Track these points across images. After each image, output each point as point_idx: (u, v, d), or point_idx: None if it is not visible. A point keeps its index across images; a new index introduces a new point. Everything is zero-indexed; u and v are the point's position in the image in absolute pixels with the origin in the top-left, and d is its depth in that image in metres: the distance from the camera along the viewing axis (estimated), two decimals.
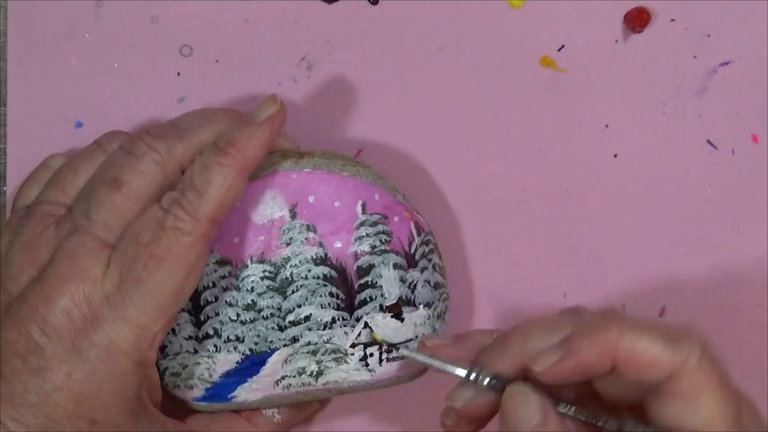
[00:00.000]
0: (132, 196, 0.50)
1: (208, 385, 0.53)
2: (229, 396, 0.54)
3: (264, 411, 0.55)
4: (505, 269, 0.59)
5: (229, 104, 0.59)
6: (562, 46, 0.59)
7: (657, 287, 0.59)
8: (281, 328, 0.53)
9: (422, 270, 0.54)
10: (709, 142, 0.60)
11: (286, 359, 0.53)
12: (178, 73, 0.59)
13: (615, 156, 0.59)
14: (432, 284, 0.55)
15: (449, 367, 0.50)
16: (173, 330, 0.53)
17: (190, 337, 0.53)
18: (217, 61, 0.59)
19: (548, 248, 0.59)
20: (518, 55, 0.59)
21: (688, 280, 0.59)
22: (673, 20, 0.59)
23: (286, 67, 0.59)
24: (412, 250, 0.54)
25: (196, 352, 0.53)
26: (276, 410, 0.56)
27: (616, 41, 0.59)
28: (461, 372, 0.49)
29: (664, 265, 0.59)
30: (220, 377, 0.53)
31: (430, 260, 0.55)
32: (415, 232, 0.54)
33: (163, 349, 0.53)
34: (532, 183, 0.59)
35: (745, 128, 0.59)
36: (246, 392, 0.54)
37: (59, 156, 0.54)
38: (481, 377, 0.49)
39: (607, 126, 0.59)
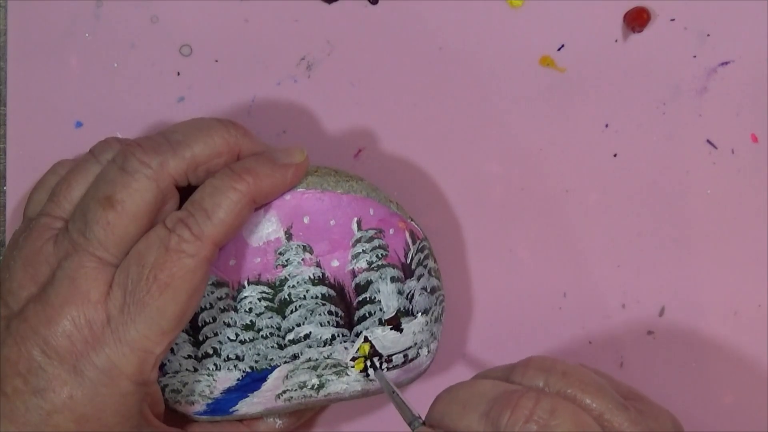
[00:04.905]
0: (126, 213, 0.49)
1: (210, 401, 0.53)
2: (231, 410, 0.54)
3: (265, 417, 0.55)
4: (505, 269, 0.59)
5: (228, 104, 0.59)
6: (562, 46, 0.59)
7: (657, 287, 0.59)
8: (281, 347, 0.53)
9: (419, 278, 0.54)
10: (708, 141, 0.60)
11: (287, 375, 0.53)
12: (178, 73, 0.59)
13: (615, 156, 0.59)
14: (429, 290, 0.55)
15: (403, 407, 0.50)
16: (171, 349, 0.53)
17: (190, 356, 0.53)
18: (217, 61, 0.59)
19: (548, 248, 0.59)
20: (518, 55, 0.59)
21: (687, 280, 0.59)
22: (672, 20, 0.59)
23: (286, 67, 0.59)
24: (408, 260, 0.54)
25: (195, 370, 0.53)
26: (277, 416, 0.56)
27: (616, 41, 0.59)
28: (407, 416, 0.50)
29: (664, 265, 0.59)
30: (221, 393, 0.53)
31: (425, 266, 0.55)
32: (410, 241, 0.54)
33: (161, 367, 0.53)
34: (532, 183, 0.59)
35: (745, 128, 0.59)
36: (247, 406, 0.53)
37: (68, 162, 0.54)
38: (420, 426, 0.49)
39: (606, 126, 0.59)
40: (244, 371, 0.53)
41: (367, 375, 0.53)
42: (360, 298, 0.53)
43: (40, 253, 0.50)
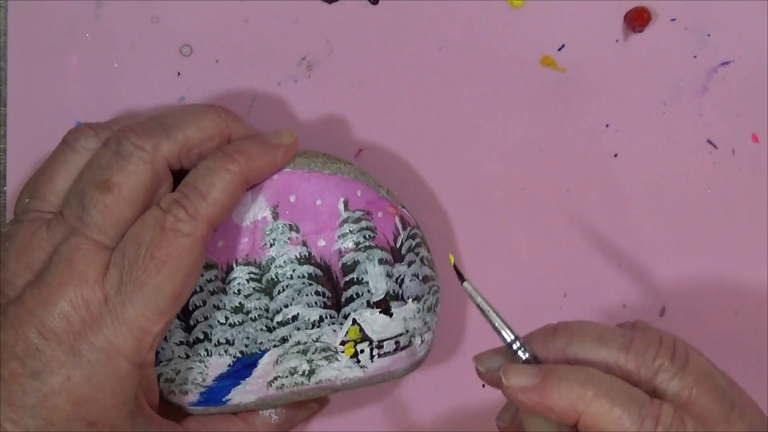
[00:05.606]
0: (123, 197, 0.50)
1: (203, 389, 0.53)
2: (224, 399, 0.54)
3: (261, 411, 0.55)
4: (505, 269, 0.59)
5: (229, 104, 0.59)
6: (562, 46, 0.59)
7: (657, 287, 0.59)
8: (270, 329, 0.53)
9: (409, 264, 0.54)
10: (709, 141, 0.60)
11: (277, 360, 0.53)
12: (178, 73, 0.59)
13: (615, 156, 0.59)
14: (420, 277, 0.55)
15: (500, 326, 0.48)
16: (165, 336, 0.53)
17: (182, 342, 0.53)
18: (217, 61, 0.59)
19: (548, 248, 0.59)
20: (518, 55, 0.59)
21: (688, 280, 0.59)
22: (673, 20, 0.59)
23: (286, 67, 0.59)
24: (398, 245, 0.54)
25: (188, 357, 0.53)
26: (273, 411, 0.56)
27: (616, 41, 0.59)
28: (507, 336, 0.48)
29: (664, 265, 0.59)
30: (213, 381, 0.53)
31: (417, 254, 0.55)
32: (400, 226, 0.54)
33: (156, 355, 0.53)
34: (532, 183, 0.59)
35: (745, 128, 0.59)
36: (240, 395, 0.54)
37: None
38: (521, 351, 0.48)
39: (607, 126, 0.59)
40: (234, 356, 0.53)
41: (358, 361, 0.53)
42: (347, 279, 0.53)
43: (33, 239, 0.50)
